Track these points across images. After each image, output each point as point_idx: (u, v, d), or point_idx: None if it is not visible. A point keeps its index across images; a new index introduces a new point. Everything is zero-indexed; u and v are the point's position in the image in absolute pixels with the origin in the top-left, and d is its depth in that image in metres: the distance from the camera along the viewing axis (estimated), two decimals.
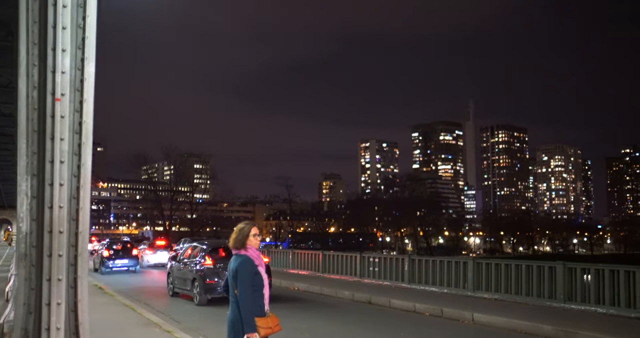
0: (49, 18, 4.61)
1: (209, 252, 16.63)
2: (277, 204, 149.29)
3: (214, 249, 16.90)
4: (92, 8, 4.74)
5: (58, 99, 4.61)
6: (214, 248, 17.00)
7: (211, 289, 15.54)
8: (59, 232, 4.67)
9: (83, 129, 4.75)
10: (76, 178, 4.78)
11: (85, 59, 4.73)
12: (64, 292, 4.69)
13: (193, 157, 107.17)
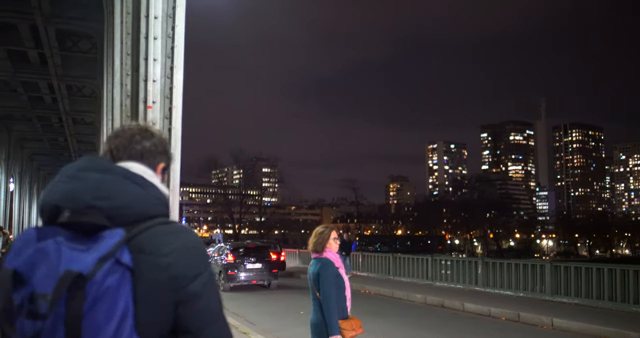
0: (142, 29, 4.80)
1: (232, 250, 20.71)
2: (344, 207, 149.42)
3: (235, 249, 20.98)
4: (181, 18, 4.90)
5: (150, 106, 4.80)
6: (235, 248, 21.13)
7: (232, 279, 19.73)
8: None
9: (172, 134, 4.92)
10: (165, 184, 4.95)
11: (174, 67, 4.90)
12: None
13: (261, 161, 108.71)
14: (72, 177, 1.42)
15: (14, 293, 1.26)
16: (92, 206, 1.37)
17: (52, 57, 19.10)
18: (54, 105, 26.68)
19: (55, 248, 1.29)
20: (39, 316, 1.24)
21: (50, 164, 46.06)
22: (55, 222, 1.38)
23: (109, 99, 11.10)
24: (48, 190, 1.43)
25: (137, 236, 1.38)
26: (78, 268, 1.26)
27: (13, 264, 1.29)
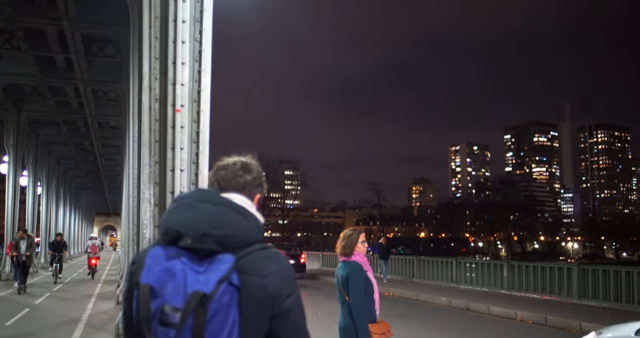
0: (170, 33, 4.85)
1: None
2: (367, 209, 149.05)
3: None
4: (208, 22, 4.94)
5: (178, 110, 4.84)
6: None
7: None
8: None
9: (200, 138, 4.95)
10: (194, 186, 4.99)
11: (202, 71, 4.94)
12: None
13: (283, 164, 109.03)
14: (190, 206, 1.73)
15: (151, 304, 1.61)
16: (207, 234, 1.67)
17: (79, 61, 19.36)
18: (80, 109, 27.03)
19: (180, 268, 1.63)
20: (169, 324, 1.59)
21: (76, 167, 46.69)
22: (176, 244, 1.69)
23: (134, 103, 11.22)
24: (170, 216, 1.75)
25: (241, 259, 1.68)
26: (202, 289, 1.59)
27: (148, 280, 1.63)
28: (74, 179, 53.04)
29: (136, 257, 1.77)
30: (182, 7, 4.90)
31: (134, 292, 1.66)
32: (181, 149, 4.88)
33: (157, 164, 4.90)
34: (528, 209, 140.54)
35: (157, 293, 1.61)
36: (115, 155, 37.45)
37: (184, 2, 4.89)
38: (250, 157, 2.07)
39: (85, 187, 60.61)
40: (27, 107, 27.04)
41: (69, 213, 52.12)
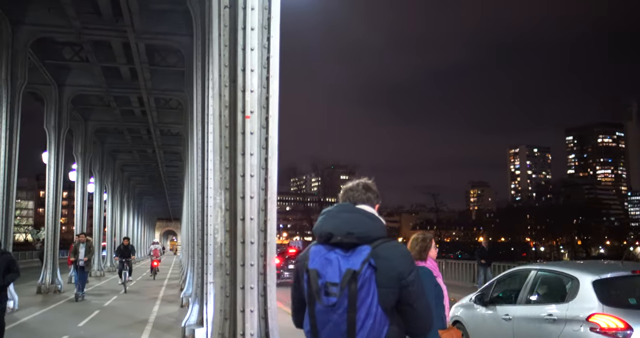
0: (239, 41, 4.92)
1: (279, 253, 25.48)
2: (423, 213, 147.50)
3: (282, 252, 27.53)
4: (276, 29, 5.00)
5: (248, 116, 4.90)
6: (282, 251, 28.26)
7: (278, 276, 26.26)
8: (250, 242, 4.93)
9: (269, 143, 5.00)
10: (264, 191, 5.04)
11: (270, 77, 4.99)
12: (256, 299, 4.94)
13: (339, 169, 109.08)
14: (334, 216, 2.63)
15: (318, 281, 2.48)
16: (350, 233, 2.54)
17: (142, 71, 19.93)
18: (143, 117, 27.83)
19: (335, 257, 2.50)
20: (331, 294, 2.45)
21: (138, 174, 48.06)
22: (328, 242, 2.55)
23: (197, 110, 11.45)
24: (322, 224, 2.62)
25: (375, 248, 2.52)
26: (352, 267, 2.45)
27: (314, 266, 2.52)
28: (136, 185, 54.61)
29: (300, 257, 2.71)
30: (250, 14, 4.96)
31: (304, 276, 2.55)
32: (251, 154, 4.93)
33: (227, 169, 4.97)
34: (592, 212, 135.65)
35: (321, 274, 2.49)
36: (176, 161, 38.35)
37: (252, 10, 4.96)
38: (366, 178, 2.91)
39: (147, 193, 62.32)
40: (94, 116, 28.05)
41: (132, 219, 53.68)
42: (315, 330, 2.51)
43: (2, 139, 15.41)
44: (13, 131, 15.61)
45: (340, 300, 2.42)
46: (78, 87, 22.29)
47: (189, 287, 15.74)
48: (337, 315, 2.44)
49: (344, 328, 2.43)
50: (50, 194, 21.40)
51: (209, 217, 10.64)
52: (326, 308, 2.45)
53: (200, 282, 10.76)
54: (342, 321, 2.44)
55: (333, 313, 2.45)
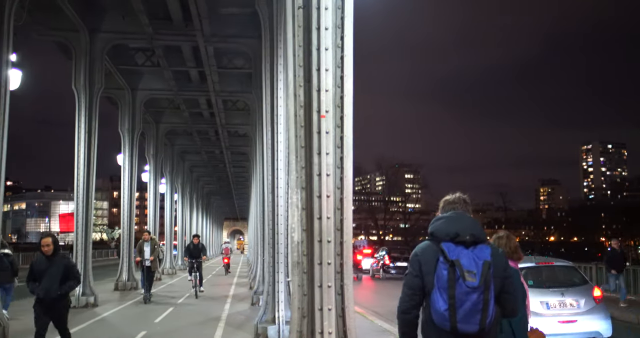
0: (313, 41, 4.96)
1: (388, 253, 32.84)
2: (491, 213, 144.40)
3: (388, 253, 32.86)
4: (349, 28, 5.01)
5: (323, 115, 4.93)
6: (387, 252, 33.29)
7: (386, 271, 31.58)
8: (327, 241, 4.96)
9: (344, 143, 5.02)
10: (339, 190, 5.05)
11: (344, 76, 5.00)
12: (333, 298, 4.96)
13: (404, 167, 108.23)
14: (457, 220, 3.42)
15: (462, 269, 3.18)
16: (472, 234, 3.31)
17: (211, 74, 20.40)
18: (211, 119, 28.49)
19: (466, 252, 3.24)
20: (469, 279, 3.14)
21: (207, 174, 49.19)
22: (453, 240, 3.28)
23: (266, 111, 11.61)
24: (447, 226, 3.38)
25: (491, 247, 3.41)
26: (488, 259, 3.22)
27: (454, 257, 3.20)
28: (205, 186, 55.92)
29: (418, 250, 3.42)
30: (324, 14, 5.00)
31: (441, 266, 3.23)
32: (327, 153, 4.96)
33: (303, 169, 5.02)
34: None
35: (461, 264, 3.18)
36: (243, 162, 39.05)
37: (326, 10, 4.99)
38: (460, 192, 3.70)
39: (215, 193, 63.74)
40: (164, 119, 28.94)
41: (201, 219, 55.02)
42: (454, 308, 3.15)
43: (81, 142, 16.10)
44: (91, 134, 16.28)
45: (480, 283, 3.15)
46: (150, 91, 23.04)
47: (259, 285, 15.98)
48: (475, 295, 3.15)
49: (480, 306, 3.15)
50: (125, 195, 22.21)
51: (279, 217, 10.78)
52: (468, 289, 3.14)
53: (272, 280, 10.90)
54: (479, 300, 3.15)
55: (473, 293, 3.15)
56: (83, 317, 13.35)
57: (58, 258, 7.40)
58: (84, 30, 16.12)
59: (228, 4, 16.11)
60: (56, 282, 7.24)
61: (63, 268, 7.33)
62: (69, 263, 7.59)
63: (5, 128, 10.66)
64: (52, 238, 7.45)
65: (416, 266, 3.35)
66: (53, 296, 7.22)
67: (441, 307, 3.17)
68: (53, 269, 7.26)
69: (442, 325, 3.21)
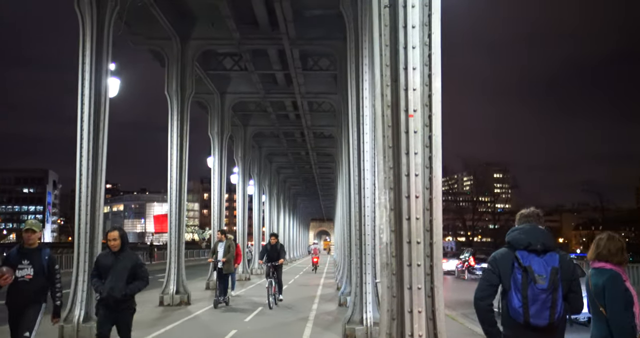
0: (400, 39, 4.90)
1: (472, 254, 33.44)
2: (587, 213, 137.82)
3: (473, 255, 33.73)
4: (437, 25, 4.92)
5: (411, 115, 4.87)
6: (472, 253, 34.12)
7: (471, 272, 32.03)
8: (416, 242, 4.89)
9: (433, 142, 4.92)
10: (428, 191, 4.97)
11: (432, 74, 4.91)
12: (423, 300, 4.88)
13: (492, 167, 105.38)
14: (530, 232, 4.09)
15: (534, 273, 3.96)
16: (543, 243, 4.00)
17: (296, 77, 20.68)
18: (297, 121, 28.88)
19: (537, 259, 3.95)
20: (540, 282, 3.88)
21: (293, 176, 49.92)
22: (526, 248, 3.98)
23: (352, 112, 11.61)
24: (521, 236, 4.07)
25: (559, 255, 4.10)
26: (556, 265, 3.96)
27: (528, 263, 3.93)
28: (291, 187, 56.78)
29: (497, 255, 4.13)
30: (411, 12, 4.93)
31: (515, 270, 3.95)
32: (415, 153, 4.89)
33: (391, 169, 4.97)
34: None
35: (530, 270, 3.84)
36: (329, 163, 39.32)
37: (413, 7, 4.92)
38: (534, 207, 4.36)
39: (301, 195, 64.57)
40: (252, 121, 29.62)
41: (288, 220, 55.89)
42: (527, 306, 3.86)
43: (173, 145, 16.74)
44: (183, 138, 16.88)
45: (549, 286, 3.85)
46: (238, 95, 23.65)
47: (346, 285, 16.02)
48: (544, 295, 3.85)
49: (549, 304, 3.86)
50: (214, 196, 22.91)
51: (365, 217, 10.76)
52: (539, 291, 3.86)
53: (359, 281, 10.89)
54: (548, 299, 3.86)
55: (543, 294, 3.86)
56: (176, 315, 13.87)
57: (125, 255, 6.66)
58: (175, 38, 16.76)
59: (313, 7, 16.27)
60: (122, 281, 6.51)
61: (130, 267, 6.59)
62: (137, 261, 6.73)
63: (105, 133, 11.24)
64: (120, 232, 6.69)
65: (494, 266, 4.12)
66: (117, 296, 6.47)
67: (516, 305, 3.92)
68: (119, 266, 6.55)
69: (517, 319, 3.93)
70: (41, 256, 6.49)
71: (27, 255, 6.42)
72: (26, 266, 6.38)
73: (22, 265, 6.37)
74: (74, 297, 10.61)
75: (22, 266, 6.37)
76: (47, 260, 6.50)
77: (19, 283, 6.33)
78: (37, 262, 6.42)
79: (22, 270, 6.36)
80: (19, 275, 6.34)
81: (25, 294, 6.35)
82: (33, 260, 6.41)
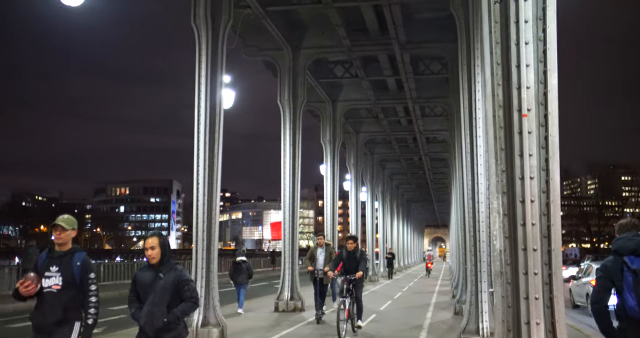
0: (512, 36, 4.67)
1: None
2: None
3: None
4: (552, 18, 4.65)
5: (525, 115, 4.62)
6: None
7: None
8: (532, 249, 4.62)
9: (549, 143, 4.64)
10: (545, 194, 4.68)
11: (547, 71, 4.64)
12: (541, 311, 4.59)
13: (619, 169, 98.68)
14: (632, 239, 4.43)
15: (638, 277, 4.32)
16: None
17: (407, 81, 20.48)
18: (409, 126, 28.59)
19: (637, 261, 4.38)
20: None
21: (406, 182, 49.45)
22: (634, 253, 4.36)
23: (465, 115, 11.29)
24: (627, 243, 4.41)
25: None
26: None
27: (634, 267, 4.31)
28: (404, 193, 56.24)
29: (607, 262, 4.39)
30: (523, 7, 4.69)
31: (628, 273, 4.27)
32: (529, 155, 4.63)
33: (504, 172, 4.73)
34: None
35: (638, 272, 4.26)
36: (442, 168, 38.57)
37: (526, 1, 4.68)
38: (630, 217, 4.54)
39: (414, 201, 63.79)
40: (363, 128, 29.68)
41: (401, 226, 55.38)
42: None
43: (286, 153, 17.10)
44: (295, 146, 17.20)
45: None
46: (349, 102, 23.78)
47: (461, 294, 15.56)
48: None
49: None
50: (327, 203, 23.12)
51: (480, 223, 10.38)
52: None
53: (475, 289, 10.52)
54: None
55: None
56: (291, 321, 14.10)
57: (167, 270, 5.06)
58: (287, 48, 17.15)
59: (422, 10, 16.04)
60: (162, 304, 4.95)
61: (172, 285, 5.00)
62: (182, 277, 5.07)
63: (220, 144, 11.66)
64: (160, 239, 5.14)
65: (606, 272, 4.38)
66: (158, 325, 4.92)
67: (631, 303, 4.23)
68: (159, 285, 5.00)
69: (633, 315, 4.23)
70: (72, 262, 5.08)
71: (57, 261, 5.11)
72: (54, 274, 5.05)
73: (50, 272, 5.06)
74: None
75: (49, 274, 5.06)
76: (80, 267, 5.07)
77: (45, 295, 5.02)
78: (67, 269, 5.04)
79: (49, 279, 5.04)
80: (45, 284, 5.02)
81: (53, 309, 4.97)
82: (62, 266, 5.06)
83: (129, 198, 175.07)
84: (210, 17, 11.48)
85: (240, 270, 15.84)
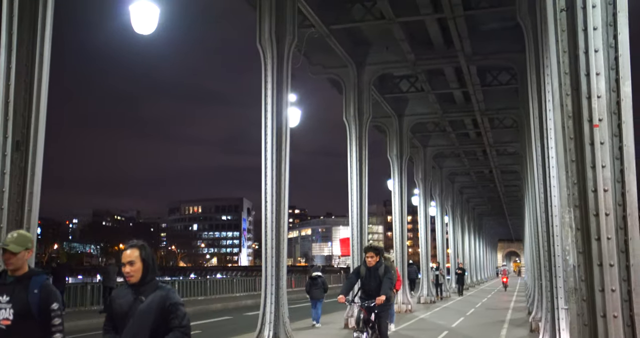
0: (579, 44, 4.53)
1: None
2: None
3: None
4: (623, 24, 4.47)
5: (596, 125, 4.45)
6: None
7: None
8: (609, 265, 4.42)
9: (624, 153, 4.45)
10: (621, 207, 4.48)
11: (619, 79, 4.47)
12: (621, 330, 4.38)
13: None
14: None
15: None
16: None
17: (475, 93, 20.13)
18: (478, 139, 28.03)
19: None
20: None
21: (477, 195, 48.36)
22: None
23: (535, 127, 10.99)
24: None
25: None
26: None
27: None
28: (475, 207, 54.96)
29: None
30: (592, 13, 4.54)
31: None
32: (602, 166, 4.45)
33: (575, 185, 4.56)
34: None
35: None
36: (514, 181, 37.53)
37: (594, 8, 4.53)
38: None
39: (486, 214, 62.22)
40: (431, 142, 29.32)
41: (473, 240, 54.08)
42: None
43: (353, 169, 17.09)
44: (362, 162, 17.18)
45: None
46: (415, 116, 23.57)
47: (537, 310, 15.02)
48: None
49: None
50: (396, 218, 22.90)
51: (555, 237, 10.01)
52: None
53: (550, 306, 10.15)
54: None
55: None
56: None
57: (149, 289, 3.78)
58: (351, 65, 17.23)
59: (488, 21, 15.80)
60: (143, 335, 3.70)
61: (156, 309, 3.73)
62: (169, 300, 3.78)
63: (287, 161, 11.80)
64: (141, 252, 3.82)
65: None
66: None
67: None
68: (139, 310, 3.73)
69: None
70: (29, 289, 3.81)
71: (7, 288, 3.84)
72: (4, 305, 3.78)
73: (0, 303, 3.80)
74: (262, 319, 11.12)
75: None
76: (38, 296, 3.81)
77: None
78: (21, 299, 3.78)
79: None
80: None
81: None
82: (14, 295, 3.79)
83: (201, 216, 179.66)
84: (275, 38, 11.69)
85: (317, 285, 16.39)
